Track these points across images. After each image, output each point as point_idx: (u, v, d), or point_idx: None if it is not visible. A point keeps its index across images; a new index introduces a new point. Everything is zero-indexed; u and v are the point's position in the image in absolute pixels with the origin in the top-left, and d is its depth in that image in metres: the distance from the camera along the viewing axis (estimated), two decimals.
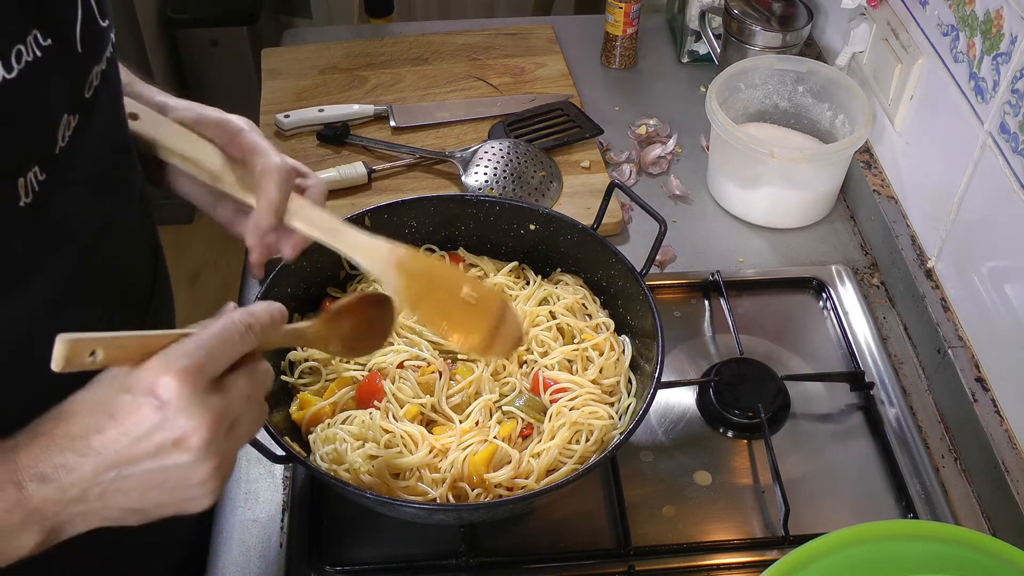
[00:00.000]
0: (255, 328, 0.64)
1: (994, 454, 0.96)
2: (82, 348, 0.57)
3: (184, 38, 2.78)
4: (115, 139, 0.79)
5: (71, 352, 0.56)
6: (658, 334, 0.91)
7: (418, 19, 2.77)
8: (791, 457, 1.02)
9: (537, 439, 0.91)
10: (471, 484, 0.88)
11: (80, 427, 0.60)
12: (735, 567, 0.93)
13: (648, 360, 0.94)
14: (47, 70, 0.65)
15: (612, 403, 0.95)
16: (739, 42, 1.39)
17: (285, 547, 0.94)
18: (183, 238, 2.71)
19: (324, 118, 1.38)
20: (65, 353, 0.56)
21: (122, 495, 0.61)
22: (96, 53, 0.72)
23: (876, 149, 1.30)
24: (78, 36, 0.68)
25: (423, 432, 0.90)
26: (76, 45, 0.68)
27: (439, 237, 1.07)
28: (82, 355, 0.57)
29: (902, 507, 0.98)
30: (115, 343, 0.58)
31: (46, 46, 0.64)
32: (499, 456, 0.90)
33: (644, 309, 0.95)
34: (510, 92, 1.47)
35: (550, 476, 0.89)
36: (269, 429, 0.83)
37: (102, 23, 0.72)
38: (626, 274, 0.98)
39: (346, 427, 0.91)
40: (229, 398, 0.62)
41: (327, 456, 0.89)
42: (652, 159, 1.36)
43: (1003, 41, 0.97)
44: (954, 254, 1.10)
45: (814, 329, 1.16)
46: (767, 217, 1.29)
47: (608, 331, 1.00)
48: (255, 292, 0.94)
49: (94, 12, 0.71)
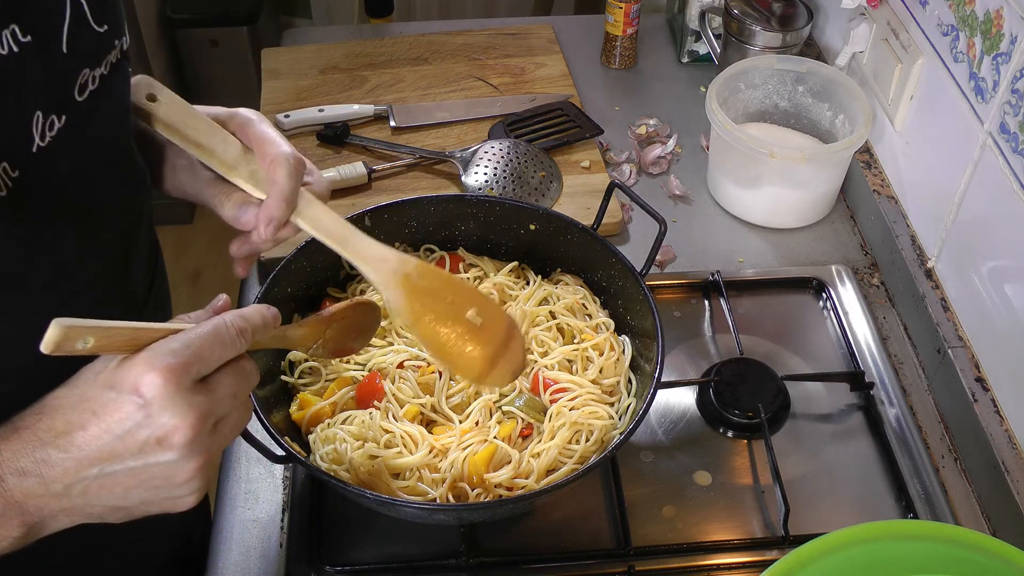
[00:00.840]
0: (247, 333, 0.64)
1: (994, 454, 0.96)
2: (75, 334, 0.57)
3: (184, 38, 2.78)
4: (113, 144, 0.78)
5: (63, 337, 0.56)
6: (658, 334, 0.91)
7: (418, 19, 2.77)
8: (791, 457, 1.02)
9: (537, 439, 0.91)
10: (471, 484, 0.88)
11: (63, 423, 0.60)
12: (735, 567, 0.93)
13: (648, 360, 0.94)
14: (23, 66, 0.65)
15: (612, 403, 0.95)
16: (739, 42, 1.39)
17: (285, 547, 0.94)
18: (183, 238, 2.71)
19: (324, 118, 1.38)
20: (57, 338, 0.56)
21: (105, 492, 0.61)
22: (89, 57, 0.71)
23: (876, 149, 1.30)
24: (65, 37, 0.68)
25: (423, 432, 0.90)
26: (62, 46, 0.68)
27: (439, 237, 1.07)
28: (73, 341, 0.57)
29: (902, 507, 0.98)
30: (107, 332, 0.58)
31: (24, 42, 0.65)
32: (499, 456, 0.90)
33: (644, 309, 0.95)
34: (510, 92, 1.47)
35: (550, 476, 0.89)
36: (269, 429, 0.83)
37: (97, 28, 0.72)
38: (626, 274, 0.98)
39: (346, 427, 0.91)
40: (214, 397, 0.62)
41: (327, 456, 0.89)
42: (652, 159, 1.36)
43: (1003, 41, 0.97)
44: (954, 254, 1.10)
45: (814, 329, 1.16)
46: (767, 217, 1.29)
47: (608, 331, 1.00)
48: (255, 292, 0.94)
49: (87, 16, 0.71)
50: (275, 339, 0.72)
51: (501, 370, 0.82)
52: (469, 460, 0.88)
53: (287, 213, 0.78)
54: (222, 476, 1.01)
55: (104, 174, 0.77)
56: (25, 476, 0.59)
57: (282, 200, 0.77)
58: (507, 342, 0.83)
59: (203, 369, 0.61)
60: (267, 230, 0.78)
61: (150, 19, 2.65)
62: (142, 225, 0.87)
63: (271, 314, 0.67)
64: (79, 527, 0.64)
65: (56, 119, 0.68)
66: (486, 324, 0.82)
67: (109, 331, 0.59)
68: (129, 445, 0.59)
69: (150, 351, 0.60)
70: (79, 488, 0.60)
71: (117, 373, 0.60)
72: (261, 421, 0.83)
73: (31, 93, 0.66)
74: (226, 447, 0.73)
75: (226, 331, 0.63)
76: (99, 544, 0.87)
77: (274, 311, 0.68)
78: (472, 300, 0.83)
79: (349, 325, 0.81)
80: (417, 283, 0.80)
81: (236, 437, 0.67)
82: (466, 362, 0.81)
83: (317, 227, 0.80)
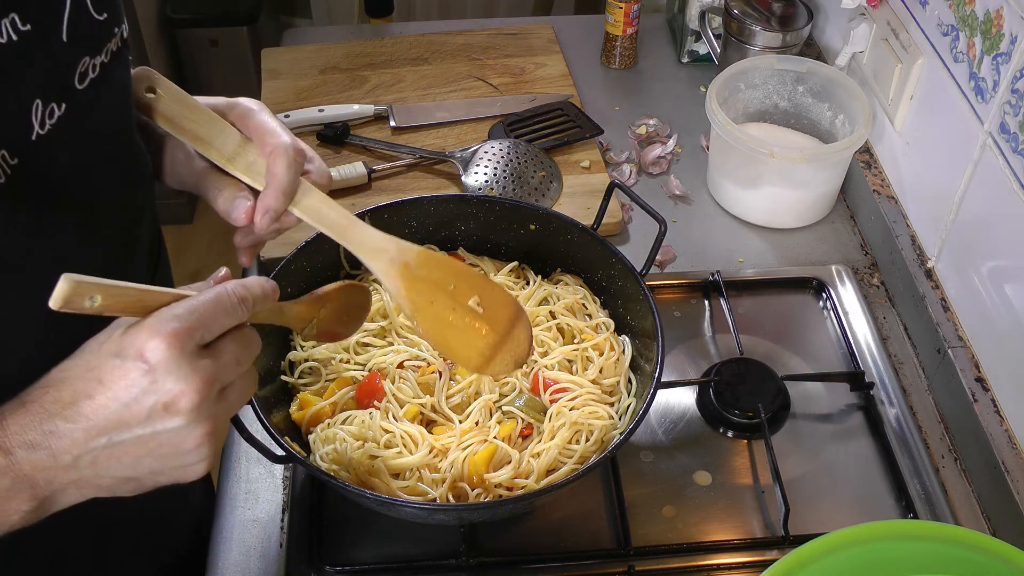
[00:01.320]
0: (248, 301, 0.64)
1: (994, 454, 0.96)
2: (83, 290, 0.57)
3: (184, 38, 2.78)
4: (114, 136, 0.78)
5: (72, 292, 0.56)
6: (658, 334, 0.91)
7: (418, 19, 2.77)
8: (791, 457, 1.02)
9: (537, 439, 0.91)
10: (471, 484, 0.88)
11: (70, 393, 0.60)
12: (735, 567, 0.93)
13: (648, 360, 0.94)
14: (22, 54, 0.65)
15: (612, 403, 0.95)
16: (739, 42, 1.39)
17: (285, 547, 0.94)
18: (183, 238, 2.71)
19: (324, 118, 1.38)
20: (66, 293, 0.56)
21: (115, 462, 0.61)
22: (89, 45, 0.72)
23: (876, 149, 1.30)
24: (64, 26, 0.68)
25: (423, 432, 0.90)
26: (62, 35, 0.68)
27: (439, 237, 1.07)
28: (82, 297, 0.57)
29: (902, 507, 0.98)
30: (114, 291, 0.59)
31: (24, 31, 0.65)
32: (499, 456, 0.90)
33: (644, 309, 0.95)
34: (510, 92, 1.47)
35: (550, 476, 0.89)
36: (269, 429, 0.83)
37: (97, 16, 0.72)
38: (626, 274, 0.98)
39: (346, 427, 0.91)
40: (219, 362, 0.62)
41: (327, 456, 0.89)
42: (652, 159, 1.36)
43: (1003, 41, 0.97)
44: (954, 254, 1.10)
45: (814, 329, 1.16)
46: (767, 217, 1.29)
47: (608, 331, 1.00)
48: None
49: (86, 4, 0.71)
50: (272, 313, 0.72)
51: (502, 360, 0.82)
52: (469, 460, 0.88)
53: (285, 204, 0.78)
54: (222, 476, 1.01)
55: (105, 166, 0.77)
56: (34, 449, 0.59)
57: (280, 192, 0.77)
58: (511, 329, 0.82)
59: (206, 335, 0.61)
60: (264, 220, 0.78)
61: (150, 19, 2.65)
62: (144, 220, 0.87)
63: (270, 286, 0.67)
64: (88, 507, 0.64)
65: (56, 107, 0.69)
66: (489, 311, 0.81)
67: (116, 289, 0.59)
68: (136, 413, 0.59)
69: (155, 317, 0.60)
70: (88, 459, 0.60)
71: (123, 340, 0.60)
72: (261, 421, 0.83)
73: (31, 81, 0.67)
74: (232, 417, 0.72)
75: (228, 298, 0.63)
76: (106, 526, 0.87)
77: (273, 284, 0.68)
78: (475, 286, 0.82)
79: (341, 308, 0.81)
80: (417, 272, 0.79)
81: (243, 405, 0.66)
82: (466, 353, 0.81)
83: (315, 217, 0.79)
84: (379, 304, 1.00)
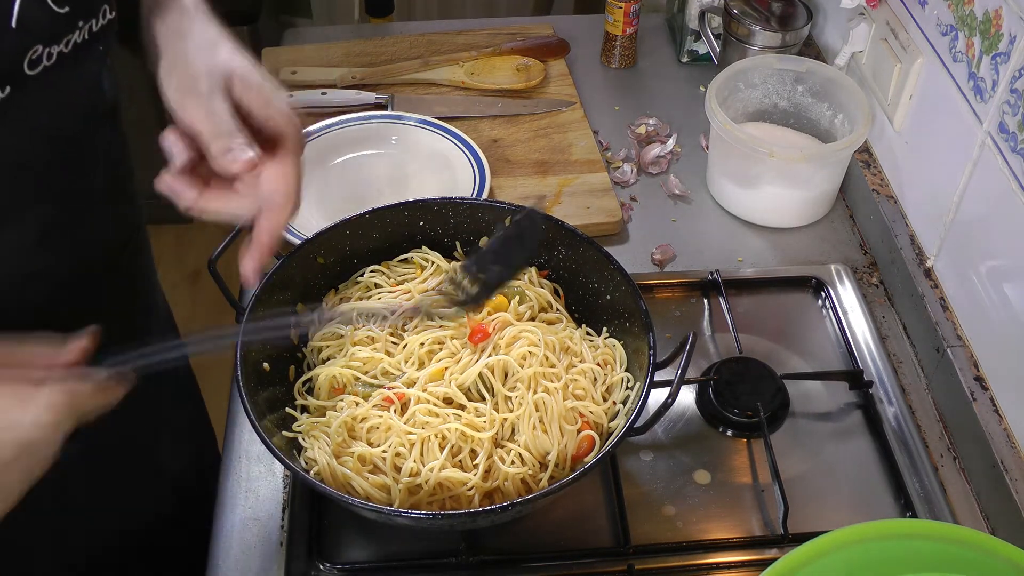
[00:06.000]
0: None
1: (993, 453, 0.97)
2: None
3: None
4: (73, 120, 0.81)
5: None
6: (650, 337, 0.91)
7: (418, 19, 2.76)
8: (790, 456, 1.02)
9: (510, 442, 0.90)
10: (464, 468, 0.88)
11: None
12: (734, 566, 0.94)
13: (641, 366, 0.94)
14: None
15: (612, 403, 0.95)
16: (739, 42, 1.39)
17: (285, 545, 0.94)
18: (183, 238, 2.71)
19: (326, 101, 1.40)
20: None
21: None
22: (44, 35, 0.73)
23: (875, 149, 1.30)
24: (15, 13, 0.70)
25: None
26: (10, 20, 0.70)
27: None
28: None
29: (901, 506, 0.98)
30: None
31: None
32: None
33: (637, 319, 0.94)
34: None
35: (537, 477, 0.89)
36: (269, 445, 0.83)
37: (57, 9, 0.73)
38: (617, 275, 0.97)
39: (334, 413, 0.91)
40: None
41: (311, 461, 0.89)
42: (652, 159, 1.37)
43: (1002, 41, 0.97)
44: (953, 253, 1.10)
45: (813, 328, 1.16)
46: (766, 216, 1.29)
47: (577, 329, 0.99)
48: (252, 292, 0.94)
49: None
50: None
51: None
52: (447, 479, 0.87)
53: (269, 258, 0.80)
54: (222, 475, 1.01)
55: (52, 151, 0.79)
56: None
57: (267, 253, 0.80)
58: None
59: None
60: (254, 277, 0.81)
61: None
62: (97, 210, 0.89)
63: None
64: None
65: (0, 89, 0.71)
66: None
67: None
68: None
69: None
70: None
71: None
72: (254, 426, 0.83)
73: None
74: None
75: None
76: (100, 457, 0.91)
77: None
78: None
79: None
80: None
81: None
82: None
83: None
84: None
